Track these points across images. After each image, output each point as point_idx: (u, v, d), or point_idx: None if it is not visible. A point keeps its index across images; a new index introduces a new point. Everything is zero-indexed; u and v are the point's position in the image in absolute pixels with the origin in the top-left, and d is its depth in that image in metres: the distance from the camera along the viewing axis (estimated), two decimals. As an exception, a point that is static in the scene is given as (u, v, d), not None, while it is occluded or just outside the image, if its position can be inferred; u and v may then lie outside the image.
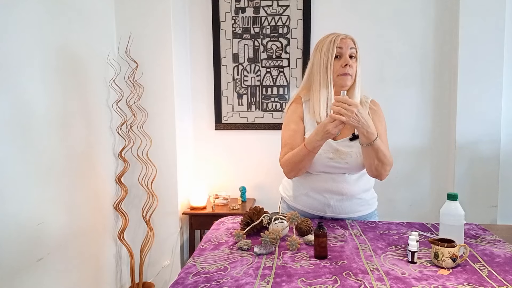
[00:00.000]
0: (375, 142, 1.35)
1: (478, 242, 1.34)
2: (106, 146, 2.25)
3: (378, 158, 1.39)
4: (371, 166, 1.43)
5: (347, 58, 1.44)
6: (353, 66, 1.45)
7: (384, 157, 1.39)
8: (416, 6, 2.55)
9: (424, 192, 2.66)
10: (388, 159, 1.42)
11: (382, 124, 1.54)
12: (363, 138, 1.35)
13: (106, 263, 2.26)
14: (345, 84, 1.46)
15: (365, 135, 1.33)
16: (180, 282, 1.08)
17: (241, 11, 2.66)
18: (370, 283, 1.03)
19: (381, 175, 1.45)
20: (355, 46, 1.47)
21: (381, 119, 1.54)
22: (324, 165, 1.49)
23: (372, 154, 1.38)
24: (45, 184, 1.75)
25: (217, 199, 2.62)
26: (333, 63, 1.46)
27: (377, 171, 1.44)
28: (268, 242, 1.29)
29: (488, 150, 2.46)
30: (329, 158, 1.47)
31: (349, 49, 1.45)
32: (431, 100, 2.60)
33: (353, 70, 1.46)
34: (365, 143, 1.36)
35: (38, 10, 1.71)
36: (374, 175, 1.47)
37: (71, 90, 1.94)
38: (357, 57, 1.47)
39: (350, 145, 1.47)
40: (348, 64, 1.44)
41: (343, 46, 1.45)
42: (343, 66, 1.44)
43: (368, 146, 1.36)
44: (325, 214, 1.57)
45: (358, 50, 1.47)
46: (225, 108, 2.74)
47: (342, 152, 1.47)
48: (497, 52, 2.40)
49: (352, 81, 1.47)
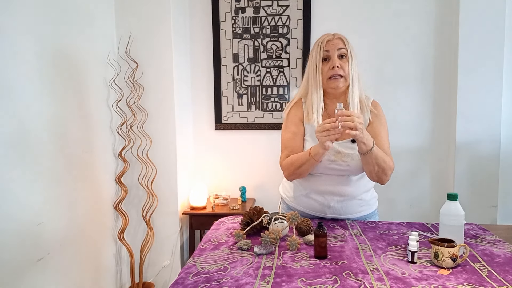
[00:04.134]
0: (373, 150, 1.35)
1: (478, 242, 1.34)
2: (106, 146, 2.25)
3: (377, 165, 1.38)
4: (371, 173, 1.43)
5: (334, 61, 1.43)
6: (343, 66, 1.44)
7: (384, 162, 1.39)
8: (416, 6, 2.55)
9: (424, 192, 2.66)
10: (388, 164, 1.41)
11: (384, 126, 1.53)
12: (362, 146, 1.34)
13: (106, 263, 2.26)
14: (336, 87, 1.45)
15: (364, 143, 1.33)
16: (180, 282, 1.08)
17: (241, 11, 2.66)
18: (370, 283, 1.03)
19: (382, 180, 1.45)
20: (345, 46, 1.45)
21: (382, 122, 1.53)
22: (325, 167, 1.48)
23: (371, 161, 1.38)
24: (45, 184, 1.75)
25: (217, 199, 2.62)
26: (322, 66, 1.45)
27: (378, 177, 1.43)
28: (268, 242, 1.29)
29: (488, 150, 2.46)
30: (331, 161, 1.47)
31: (336, 50, 1.44)
32: (431, 100, 2.60)
33: (344, 70, 1.44)
34: (364, 151, 1.35)
35: (38, 11, 1.71)
36: (375, 181, 1.47)
37: (71, 90, 1.94)
38: (349, 56, 1.45)
39: (352, 147, 1.46)
40: (335, 66, 1.43)
41: (330, 49, 1.44)
42: (331, 69, 1.44)
43: (367, 154, 1.36)
44: (325, 215, 1.57)
45: (349, 48, 1.45)
46: (225, 108, 2.74)
47: (343, 154, 1.46)
48: (497, 52, 2.40)
49: (345, 82, 1.46)
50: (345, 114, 1.26)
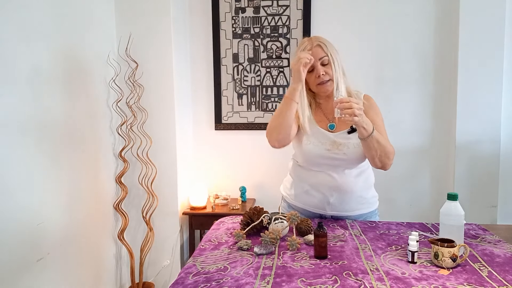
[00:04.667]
0: (374, 134, 1.37)
1: (478, 242, 1.34)
2: (106, 146, 2.25)
3: (379, 149, 1.40)
4: (374, 158, 1.43)
5: (318, 70, 1.46)
6: (328, 71, 1.47)
7: (385, 146, 1.41)
8: (416, 6, 2.55)
9: (424, 192, 2.66)
10: (389, 147, 1.44)
11: (378, 115, 1.55)
12: (362, 131, 1.36)
13: (106, 263, 2.26)
14: (326, 91, 1.50)
15: (364, 128, 1.35)
16: (180, 282, 1.08)
17: (241, 11, 2.66)
18: (370, 283, 1.03)
19: (385, 164, 1.46)
20: (325, 52, 1.47)
21: (377, 111, 1.56)
22: (321, 156, 1.50)
23: (372, 145, 1.39)
24: (45, 184, 1.75)
25: (217, 199, 2.62)
26: (309, 76, 1.48)
27: (381, 161, 1.44)
28: (268, 242, 1.29)
29: (488, 150, 2.46)
30: (327, 150, 1.50)
31: (319, 61, 1.46)
32: (431, 100, 2.60)
33: (329, 74, 1.47)
34: (364, 136, 1.37)
35: (38, 11, 1.71)
36: (379, 166, 1.47)
37: (71, 90, 1.94)
38: (331, 60, 1.47)
39: (348, 137, 1.49)
40: (320, 75, 1.46)
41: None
42: (317, 77, 1.47)
43: (368, 138, 1.37)
44: (325, 212, 1.58)
45: (329, 52, 1.47)
46: (225, 108, 2.74)
47: (339, 144, 1.49)
48: (497, 52, 2.40)
49: (333, 83, 1.49)
50: (344, 101, 1.30)
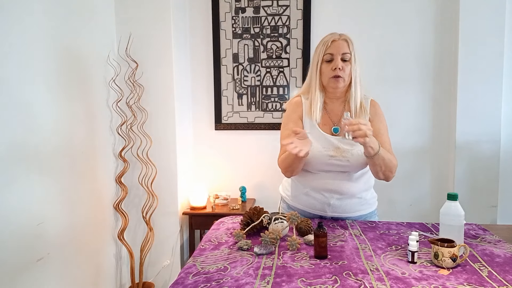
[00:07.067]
0: (380, 152, 1.36)
1: (478, 242, 1.34)
2: (106, 146, 2.25)
3: (384, 165, 1.40)
4: (378, 173, 1.45)
5: (337, 62, 1.45)
6: (345, 69, 1.46)
7: (390, 161, 1.42)
8: (416, 6, 2.55)
9: (424, 192, 2.66)
10: (393, 162, 1.44)
11: (383, 123, 1.55)
12: (369, 151, 1.35)
13: (106, 263, 2.26)
14: (336, 87, 1.48)
15: (371, 147, 1.34)
16: (180, 282, 1.08)
17: (241, 11, 2.66)
18: (370, 283, 1.03)
19: (388, 177, 1.47)
20: (349, 50, 1.46)
21: (381, 119, 1.55)
22: (324, 163, 1.49)
23: (378, 163, 1.39)
24: (45, 184, 1.75)
25: (217, 199, 2.61)
26: (325, 66, 1.47)
27: (384, 175, 1.46)
28: (268, 242, 1.29)
29: (488, 150, 2.46)
30: (330, 156, 1.48)
31: (340, 54, 1.45)
32: (431, 100, 2.60)
33: (345, 73, 1.46)
34: (371, 154, 1.36)
35: (38, 11, 1.71)
36: (382, 179, 1.48)
37: (71, 90, 1.94)
38: (352, 60, 1.47)
39: (351, 143, 1.47)
40: (337, 67, 1.45)
41: (334, 52, 1.46)
42: (333, 70, 1.46)
43: (374, 156, 1.36)
44: (325, 213, 1.57)
45: (353, 52, 1.47)
46: (225, 108, 2.74)
47: (343, 150, 1.48)
48: (497, 52, 2.40)
49: (344, 83, 1.48)
50: (353, 123, 1.27)
